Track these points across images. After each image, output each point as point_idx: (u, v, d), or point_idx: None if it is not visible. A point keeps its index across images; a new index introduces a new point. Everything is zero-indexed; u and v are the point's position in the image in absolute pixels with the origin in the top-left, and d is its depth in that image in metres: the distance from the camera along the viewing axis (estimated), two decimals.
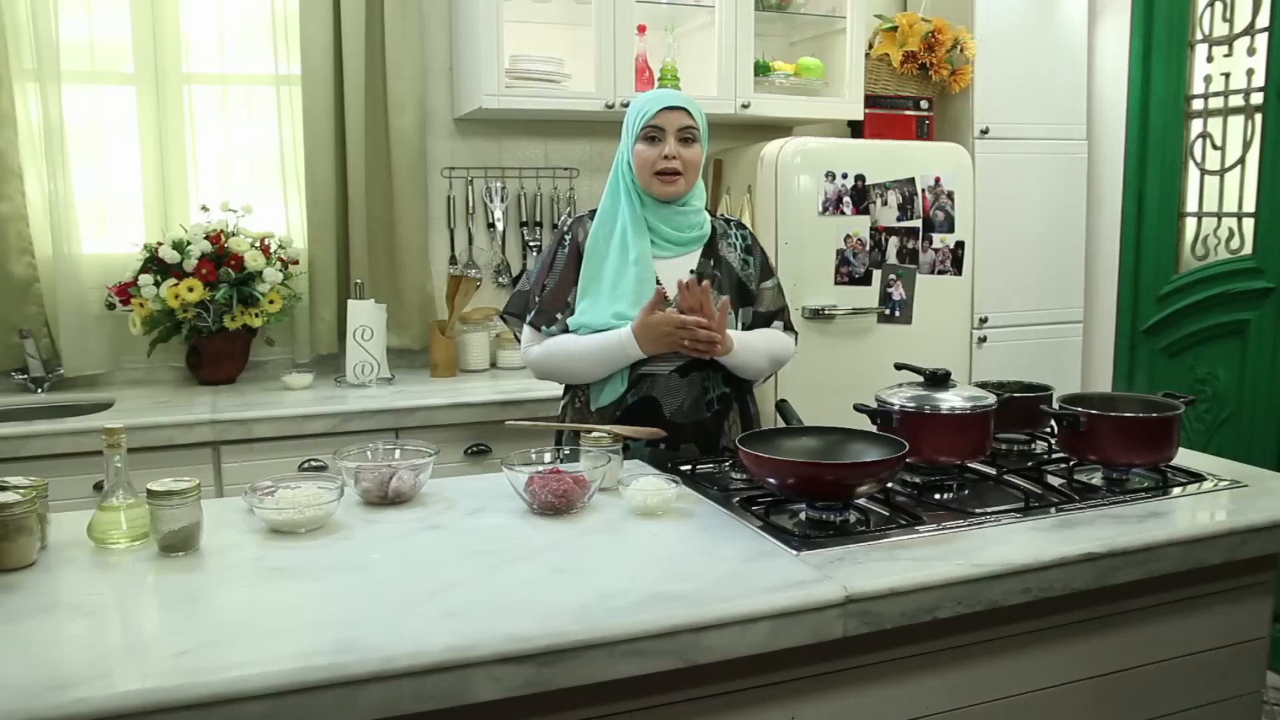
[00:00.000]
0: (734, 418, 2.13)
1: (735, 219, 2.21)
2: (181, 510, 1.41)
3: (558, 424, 2.10)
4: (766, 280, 2.17)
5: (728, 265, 2.11)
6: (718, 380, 2.07)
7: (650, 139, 2.01)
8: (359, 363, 2.88)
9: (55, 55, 2.71)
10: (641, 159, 2.02)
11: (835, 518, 1.54)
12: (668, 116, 2.01)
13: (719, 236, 2.13)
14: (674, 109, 2.02)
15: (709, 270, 2.08)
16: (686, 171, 2.03)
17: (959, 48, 3.30)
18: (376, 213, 3.05)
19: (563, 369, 2.07)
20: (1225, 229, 3.18)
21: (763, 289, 2.16)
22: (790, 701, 1.36)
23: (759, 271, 2.16)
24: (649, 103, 2.03)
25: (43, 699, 0.99)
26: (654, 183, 2.02)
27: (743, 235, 2.17)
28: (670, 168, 2.00)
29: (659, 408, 2.02)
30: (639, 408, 2.03)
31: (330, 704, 1.06)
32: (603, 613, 1.20)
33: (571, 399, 2.14)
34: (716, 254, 2.11)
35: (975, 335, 3.36)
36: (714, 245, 2.11)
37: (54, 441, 2.33)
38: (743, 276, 2.13)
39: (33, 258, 2.77)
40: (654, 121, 2.01)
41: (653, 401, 2.03)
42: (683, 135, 2.02)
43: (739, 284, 2.12)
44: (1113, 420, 1.75)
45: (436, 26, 3.15)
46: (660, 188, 2.02)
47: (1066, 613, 1.52)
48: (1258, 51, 3.05)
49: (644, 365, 2.02)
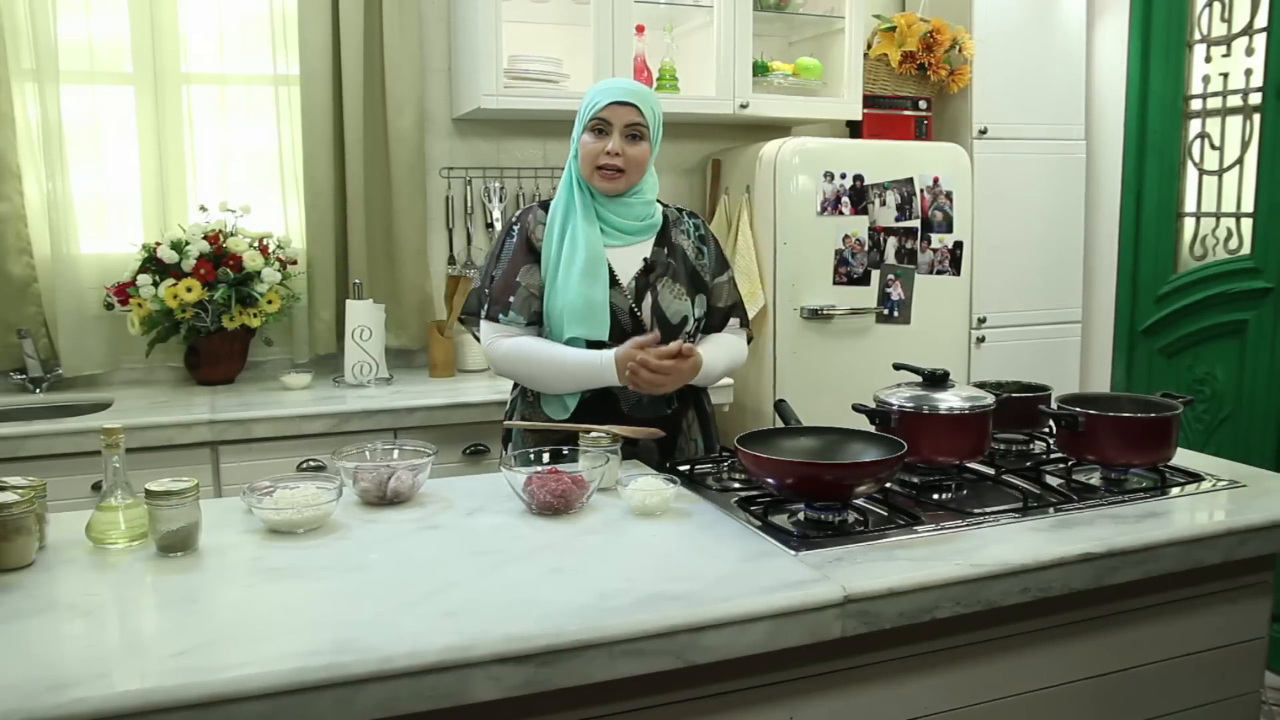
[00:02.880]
0: (692, 415, 2.12)
1: (687, 209, 2.19)
2: (180, 510, 1.41)
3: (557, 424, 2.09)
4: (722, 274, 2.15)
5: (681, 253, 2.08)
6: None
7: (597, 131, 1.97)
8: (357, 363, 2.87)
9: (54, 55, 2.71)
10: (585, 151, 1.98)
11: (834, 518, 1.54)
12: (616, 111, 1.96)
13: (671, 224, 2.10)
14: (623, 104, 1.97)
15: (663, 258, 2.05)
16: (629, 169, 1.98)
17: (957, 48, 3.31)
18: (375, 213, 3.05)
19: (531, 373, 2.00)
20: (1224, 229, 3.19)
21: (718, 283, 2.14)
22: (789, 701, 1.36)
23: (714, 263, 2.14)
24: (600, 94, 1.98)
25: (41, 699, 0.99)
26: (595, 176, 1.98)
27: (695, 224, 2.15)
28: (611, 164, 1.96)
29: (616, 403, 1.99)
30: (595, 402, 1.99)
31: (329, 704, 1.06)
32: (601, 613, 1.20)
33: (522, 393, 2.10)
34: (670, 242, 2.08)
35: (974, 335, 3.36)
36: (667, 233, 2.09)
37: (52, 441, 2.32)
38: (696, 265, 2.10)
39: (31, 258, 2.76)
40: (602, 115, 1.96)
41: (609, 395, 1.99)
42: (630, 131, 1.97)
43: (693, 272, 2.09)
44: (1111, 420, 1.75)
45: (435, 27, 3.14)
46: (600, 182, 1.99)
47: (1065, 613, 1.52)
48: (1256, 51, 3.05)
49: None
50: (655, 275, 2.03)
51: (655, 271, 2.03)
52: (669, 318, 2.01)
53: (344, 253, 3.04)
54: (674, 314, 2.02)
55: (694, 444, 2.11)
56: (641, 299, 2.01)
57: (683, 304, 2.04)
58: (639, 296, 2.01)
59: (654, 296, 2.01)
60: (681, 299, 2.04)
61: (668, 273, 2.04)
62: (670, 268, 2.05)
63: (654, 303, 2.01)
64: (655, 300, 2.01)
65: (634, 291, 2.00)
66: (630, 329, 1.98)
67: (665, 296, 2.02)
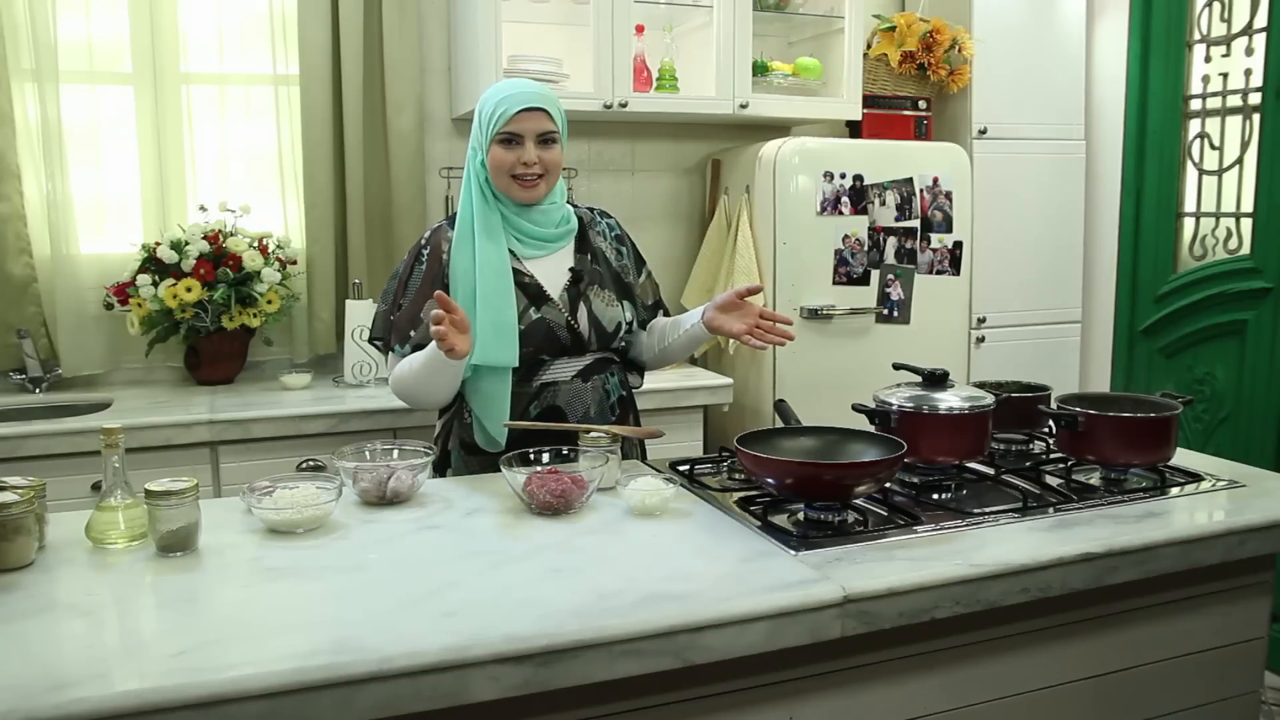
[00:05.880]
0: (632, 420, 2.10)
1: (599, 208, 2.16)
2: (179, 510, 1.41)
3: (557, 424, 2.09)
4: (642, 271, 2.15)
5: (604, 257, 2.06)
6: (615, 384, 2.05)
7: (506, 142, 1.90)
8: (357, 363, 2.87)
9: (53, 55, 2.71)
10: (498, 163, 1.91)
11: (833, 518, 1.54)
12: (525, 121, 1.89)
13: (588, 227, 2.07)
14: (532, 110, 1.89)
15: (587, 266, 2.02)
16: (548, 174, 1.93)
17: (957, 48, 3.31)
18: (375, 213, 3.05)
19: (412, 393, 1.95)
20: (1223, 229, 3.19)
21: (643, 283, 2.14)
22: (788, 701, 1.36)
23: (633, 262, 2.13)
24: (504, 103, 1.89)
25: (41, 699, 0.99)
26: (513, 187, 1.92)
27: (609, 224, 2.13)
28: (531, 174, 1.91)
29: (564, 416, 1.96)
30: (543, 420, 1.94)
31: (328, 704, 1.06)
32: (601, 613, 1.20)
33: (448, 427, 2.04)
34: (591, 247, 2.05)
35: (973, 335, 3.36)
36: (585, 238, 2.05)
37: (52, 441, 2.32)
38: (618, 268, 2.08)
39: (31, 258, 2.76)
40: (510, 128, 1.89)
41: (557, 410, 1.96)
42: (542, 138, 1.91)
43: (617, 276, 2.07)
44: (1111, 420, 1.75)
45: (434, 26, 3.14)
46: (520, 193, 1.93)
47: (1064, 613, 1.52)
48: (1256, 51, 3.05)
49: (544, 372, 1.96)
50: (585, 284, 2.00)
51: (584, 281, 2.00)
52: (604, 325, 2.00)
53: (344, 253, 3.04)
54: (609, 321, 2.01)
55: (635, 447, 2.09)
56: (575, 310, 1.98)
57: (615, 310, 2.02)
58: (573, 308, 1.98)
59: (588, 306, 1.99)
60: (613, 305, 2.02)
61: (596, 280, 2.01)
62: (598, 274, 2.02)
63: (589, 313, 1.99)
64: (590, 310, 1.99)
65: (567, 304, 1.97)
66: (569, 342, 1.97)
67: (598, 305, 2.00)
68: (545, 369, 1.97)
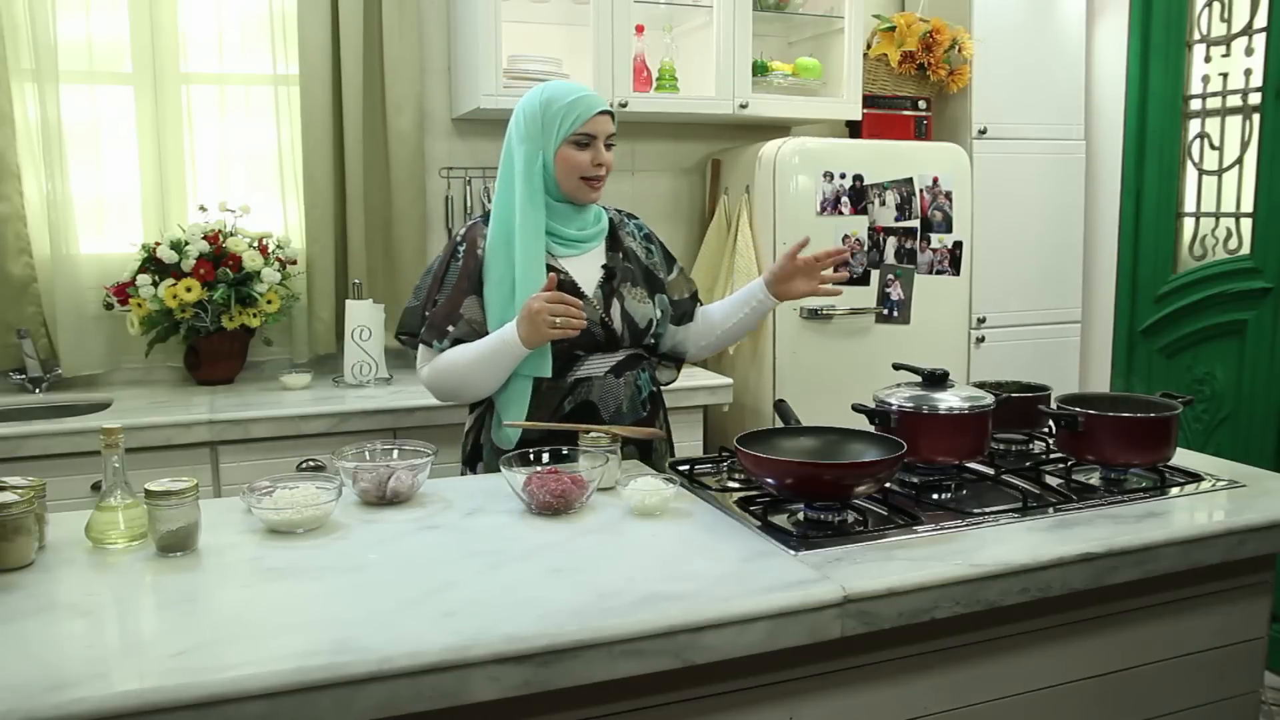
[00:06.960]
0: (663, 417, 2.13)
1: (624, 209, 2.20)
2: (179, 510, 1.41)
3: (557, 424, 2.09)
4: (673, 269, 2.19)
5: (635, 255, 2.10)
6: (647, 380, 2.07)
7: (580, 144, 1.95)
8: (357, 363, 2.87)
9: (53, 55, 2.71)
10: (572, 163, 1.95)
11: (833, 518, 1.54)
12: (599, 124, 1.96)
13: (618, 227, 2.11)
14: (604, 113, 1.97)
15: (620, 264, 2.06)
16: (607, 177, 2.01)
17: (957, 48, 3.31)
18: (375, 213, 3.05)
19: (457, 385, 1.97)
20: (1223, 229, 3.19)
21: (674, 279, 2.17)
22: (788, 701, 1.36)
23: (663, 259, 2.17)
24: (578, 105, 1.94)
25: (40, 699, 0.99)
26: (582, 188, 1.98)
27: (637, 225, 2.17)
28: (600, 175, 1.97)
29: (596, 412, 1.98)
30: (576, 415, 1.96)
31: (328, 704, 1.06)
32: (601, 613, 1.20)
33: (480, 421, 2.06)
34: (622, 246, 2.09)
35: (973, 335, 3.36)
36: (616, 238, 2.09)
37: (52, 441, 2.32)
38: (649, 265, 2.12)
39: (30, 258, 2.76)
40: (586, 129, 1.94)
41: (590, 406, 1.98)
42: (608, 141, 1.99)
43: (648, 273, 2.11)
44: (1111, 420, 1.75)
45: (434, 26, 3.14)
46: (589, 193, 1.99)
47: (1064, 613, 1.52)
48: (1255, 51, 3.05)
49: (579, 368, 1.97)
50: (618, 281, 2.03)
51: (617, 277, 2.03)
52: (637, 322, 2.03)
53: (343, 253, 3.04)
54: (641, 318, 2.04)
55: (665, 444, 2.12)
56: (609, 306, 2.01)
57: (646, 307, 2.05)
58: (607, 305, 2.01)
59: (621, 303, 2.02)
60: (644, 302, 2.05)
61: (629, 277, 2.04)
62: (630, 272, 2.06)
63: (622, 309, 2.01)
64: (623, 306, 2.02)
65: (601, 300, 2.00)
66: (602, 339, 1.99)
67: (631, 301, 2.03)
68: (579, 365, 1.99)
